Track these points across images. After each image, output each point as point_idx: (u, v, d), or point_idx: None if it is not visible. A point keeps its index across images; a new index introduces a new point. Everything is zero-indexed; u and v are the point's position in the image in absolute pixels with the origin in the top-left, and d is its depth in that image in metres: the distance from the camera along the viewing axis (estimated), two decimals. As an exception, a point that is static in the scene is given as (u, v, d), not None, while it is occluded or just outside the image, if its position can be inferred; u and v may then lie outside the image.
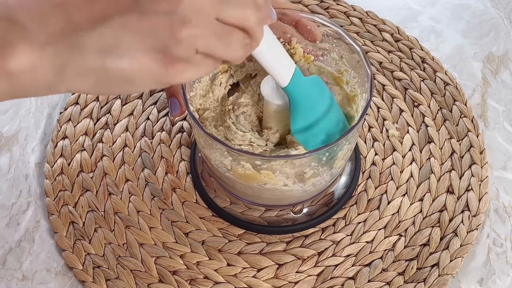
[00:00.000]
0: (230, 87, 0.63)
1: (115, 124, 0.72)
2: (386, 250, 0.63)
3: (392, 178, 0.68)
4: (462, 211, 0.65)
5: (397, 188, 0.67)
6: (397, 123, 0.71)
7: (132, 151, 0.70)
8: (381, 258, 0.63)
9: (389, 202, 0.66)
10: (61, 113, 0.73)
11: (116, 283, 0.61)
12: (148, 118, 0.72)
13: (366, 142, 0.70)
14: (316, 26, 0.59)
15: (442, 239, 0.64)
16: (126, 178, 0.68)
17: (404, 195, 0.67)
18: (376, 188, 0.67)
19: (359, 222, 0.65)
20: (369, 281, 0.62)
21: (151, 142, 0.70)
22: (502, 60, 0.78)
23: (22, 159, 0.70)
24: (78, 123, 0.72)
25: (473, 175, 0.67)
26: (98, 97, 0.73)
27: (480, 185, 0.67)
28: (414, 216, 0.65)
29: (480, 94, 0.75)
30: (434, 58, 0.76)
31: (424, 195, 0.66)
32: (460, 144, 0.70)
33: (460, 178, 0.67)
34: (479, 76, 0.76)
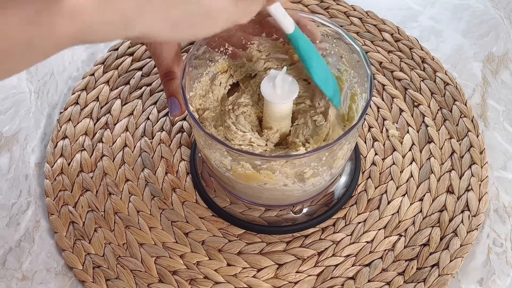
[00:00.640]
0: (230, 87, 0.63)
1: (115, 124, 0.72)
2: (386, 250, 0.63)
3: (392, 178, 0.68)
4: (462, 211, 0.65)
5: (397, 188, 0.67)
6: (397, 123, 0.71)
7: (132, 151, 0.70)
8: (381, 258, 0.63)
9: (389, 202, 0.66)
10: (61, 113, 0.73)
11: (116, 283, 0.61)
12: (148, 118, 0.72)
13: (366, 142, 0.70)
14: (315, 26, 0.59)
15: (442, 239, 0.64)
16: (126, 178, 0.68)
17: (404, 195, 0.67)
18: (376, 188, 0.67)
19: (359, 222, 0.65)
20: (369, 281, 0.62)
21: (151, 142, 0.70)
22: (502, 60, 0.78)
23: (22, 159, 0.70)
24: (78, 123, 0.72)
25: (473, 175, 0.67)
26: (98, 97, 0.73)
27: (480, 185, 0.67)
28: (414, 216, 0.65)
29: (480, 94, 0.75)
30: (434, 58, 0.76)
31: (424, 195, 0.66)
32: (460, 144, 0.70)
33: (460, 178, 0.67)
34: (479, 76, 0.76)
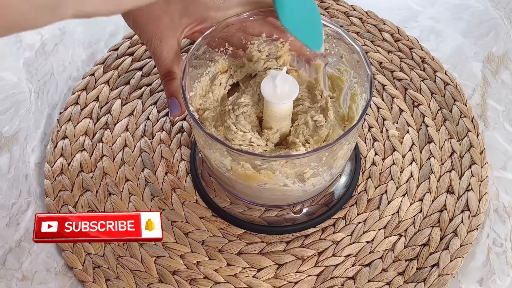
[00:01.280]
0: (230, 87, 0.63)
1: (115, 124, 0.72)
2: (386, 250, 0.63)
3: (392, 178, 0.68)
4: (462, 211, 0.65)
5: (397, 188, 0.67)
6: (397, 123, 0.71)
7: (132, 151, 0.70)
8: (381, 258, 0.63)
9: (389, 202, 0.66)
10: (61, 113, 0.73)
11: (116, 283, 0.61)
12: (148, 118, 0.72)
13: (366, 142, 0.70)
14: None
15: (442, 239, 0.64)
16: (126, 178, 0.68)
17: (404, 195, 0.67)
18: (376, 188, 0.67)
19: (359, 222, 0.65)
20: (369, 281, 0.62)
21: (151, 142, 0.70)
22: (502, 60, 0.78)
23: (22, 159, 0.70)
24: (78, 123, 0.72)
25: (473, 175, 0.67)
26: (98, 97, 0.73)
27: (480, 185, 0.67)
28: (414, 216, 0.65)
29: (480, 94, 0.75)
30: (434, 58, 0.76)
31: (424, 195, 0.66)
32: (460, 144, 0.70)
33: (460, 178, 0.67)
34: (479, 76, 0.76)
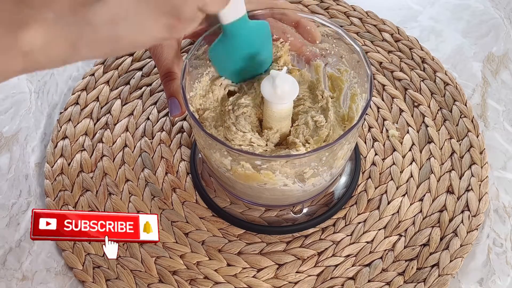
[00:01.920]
0: (230, 87, 0.63)
1: (115, 124, 0.72)
2: (386, 250, 0.63)
3: (392, 178, 0.68)
4: (462, 211, 0.65)
5: (397, 188, 0.67)
6: (397, 123, 0.71)
7: (132, 151, 0.70)
8: (381, 258, 0.63)
9: (389, 202, 0.66)
10: (61, 113, 0.72)
11: (116, 283, 0.61)
12: (148, 118, 0.72)
13: (366, 142, 0.70)
14: (315, 27, 0.59)
15: (442, 239, 0.64)
16: (126, 178, 0.68)
17: (404, 195, 0.67)
18: (376, 188, 0.67)
19: (359, 222, 0.65)
20: (369, 281, 0.62)
21: (151, 142, 0.70)
22: (502, 60, 0.78)
23: (22, 159, 0.70)
24: (78, 123, 0.72)
25: (473, 175, 0.67)
26: (98, 97, 0.73)
27: (480, 185, 0.67)
28: (414, 216, 0.65)
29: (480, 94, 0.75)
30: (434, 58, 0.76)
31: (424, 195, 0.66)
32: (460, 144, 0.70)
33: (460, 178, 0.67)
34: (479, 76, 0.76)
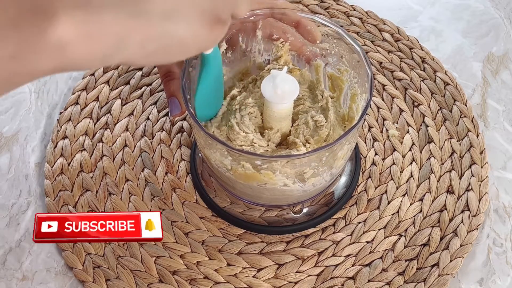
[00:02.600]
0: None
1: (115, 124, 0.72)
2: (386, 250, 0.63)
3: (392, 178, 0.68)
4: (462, 211, 0.65)
5: (397, 188, 0.67)
6: (397, 123, 0.71)
7: (132, 151, 0.70)
8: (381, 258, 0.63)
9: (389, 202, 0.66)
10: (61, 113, 0.73)
11: (116, 283, 0.61)
12: (148, 118, 0.72)
13: (366, 142, 0.70)
14: (315, 27, 0.59)
15: (442, 239, 0.64)
16: (126, 178, 0.68)
17: (404, 195, 0.67)
18: (376, 188, 0.67)
19: (359, 222, 0.65)
20: (369, 281, 0.62)
21: (151, 142, 0.70)
22: (502, 60, 0.78)
23: (22, 159, 0.70)
24: (78, 123, 0.72)
25: (473, 175, 0.67)
26: (98, 97, 0.73)
27: (480, 185, 0.67)
28: (414, 216, 0.65)
29: (480, 94, 0.75)
30: (434, 58, 0.76)
31: (424, 195, 0.66)
32: (460, 144, 0.70)
33: (460, 178, 0.67)
34: (479, 76, 0.76)
